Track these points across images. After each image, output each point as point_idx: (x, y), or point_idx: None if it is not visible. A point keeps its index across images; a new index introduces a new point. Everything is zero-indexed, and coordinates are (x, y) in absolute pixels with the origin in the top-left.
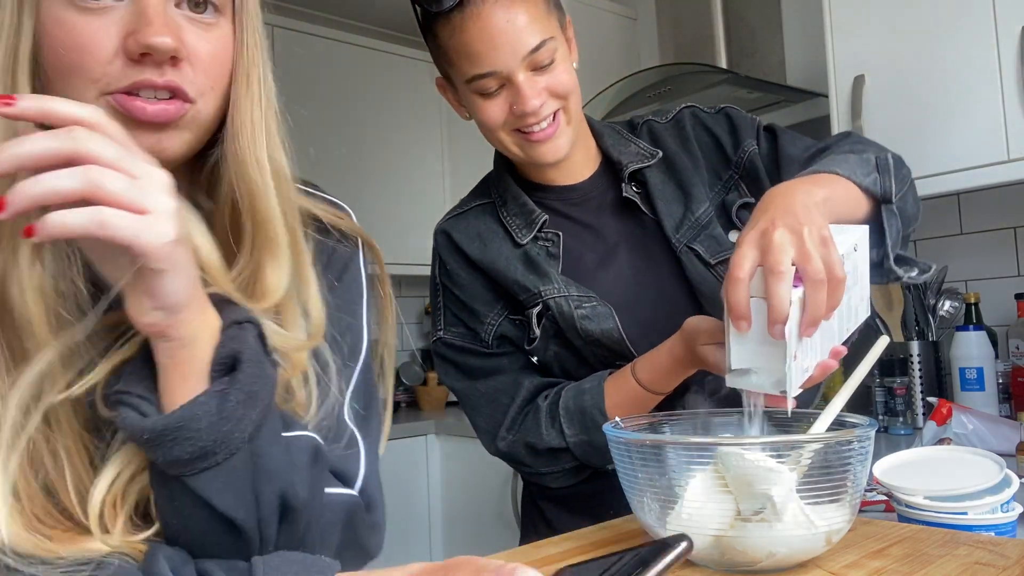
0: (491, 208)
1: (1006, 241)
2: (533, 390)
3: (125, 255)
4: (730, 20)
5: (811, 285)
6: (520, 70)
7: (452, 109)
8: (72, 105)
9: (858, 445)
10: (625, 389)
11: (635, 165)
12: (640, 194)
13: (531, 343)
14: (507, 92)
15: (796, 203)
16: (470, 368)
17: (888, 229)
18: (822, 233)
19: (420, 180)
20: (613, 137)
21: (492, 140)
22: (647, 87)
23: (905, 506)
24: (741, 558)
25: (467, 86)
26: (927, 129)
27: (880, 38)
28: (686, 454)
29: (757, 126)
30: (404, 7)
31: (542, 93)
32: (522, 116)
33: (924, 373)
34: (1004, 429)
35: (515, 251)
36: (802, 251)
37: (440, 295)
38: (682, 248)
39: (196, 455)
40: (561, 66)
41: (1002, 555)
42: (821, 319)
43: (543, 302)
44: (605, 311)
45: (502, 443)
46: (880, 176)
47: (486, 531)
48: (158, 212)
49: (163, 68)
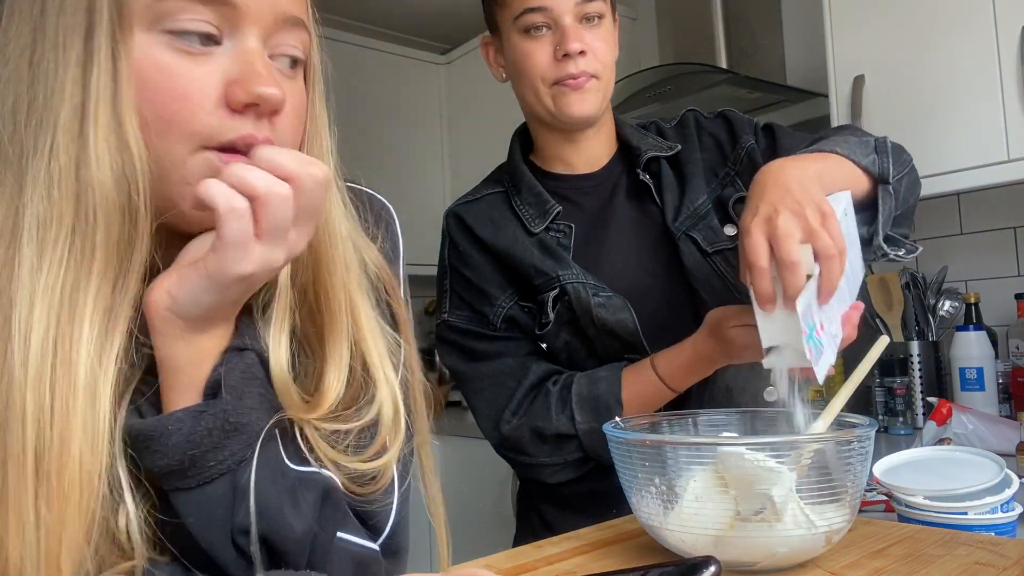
0: (504, 196)
1: (1006, 241)
2: (542, 374)
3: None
4: (730, 20)
5: (824, 260)
6: (569, 14)
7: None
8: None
9: (858, 445)
10: (642, 381)
11: (653, 152)
12: (654, 182)
13: (543, 327)
14: (551, 37)
15: (791, 180)
16: (474, 351)
17: (882, 208)
18: (822, 208)
19: (420, 180)
20: (633, 129)
21: (527, 91)
22: (647, 87)
23: (905, 506)
24: (741, 558)
25: (515, 24)
26: (927, 129)
27: (880, 38)
28: (686, 454)
29: (755, 125)
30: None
31: (584, 42)
32: (563, 61)
33: (924, 373)
34: (1004, 429)
35: (529, 238)
36: (809, 230)
37: (448, 277)
38: (680, 235)
39: (166, 471)
40: (604, 34)
41: (1002, 555)
42: (835, 288)
43: (561, 286)
44: (620, 302)
45: (506, 427)
46: (879, 157)
47: (485, 531)
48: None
49: (262, 121)
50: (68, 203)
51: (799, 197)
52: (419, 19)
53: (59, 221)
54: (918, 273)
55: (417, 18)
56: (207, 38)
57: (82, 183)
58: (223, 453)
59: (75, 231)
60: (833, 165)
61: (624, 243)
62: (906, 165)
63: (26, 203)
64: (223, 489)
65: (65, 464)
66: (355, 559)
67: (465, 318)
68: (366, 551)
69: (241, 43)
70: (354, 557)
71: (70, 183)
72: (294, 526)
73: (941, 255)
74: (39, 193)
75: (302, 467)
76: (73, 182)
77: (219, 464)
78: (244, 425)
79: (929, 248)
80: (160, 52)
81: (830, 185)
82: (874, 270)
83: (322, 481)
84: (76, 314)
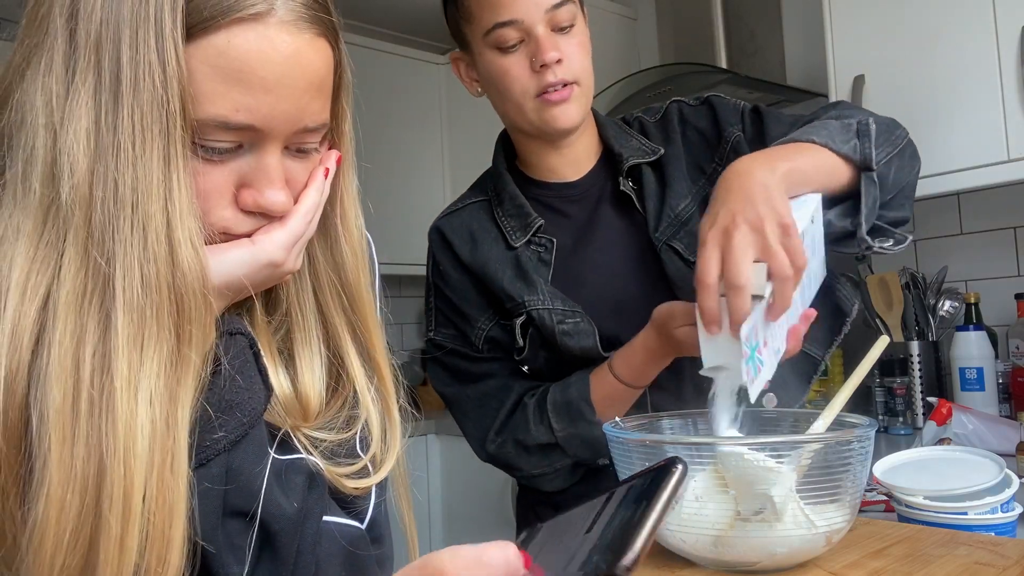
0: (487, 206)
1: (1006, 241)
2: (523, 393)
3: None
4: (730, 20)
5: (778, 281)
6: (541, 23)
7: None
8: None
9: (858, 445)
10: (606, 383)
11: (634, 160)
12: (636, 190)
13: (520, 353)
14: (525, 49)
15: (755, 186)
16: (459, 371)
17: (865, 198)
18: (783, 222)
19: (420, 180)
20: (615, 130)
21: (508, 106)
22: (647, 87)
23: (905, 506)
24: (741, 558)
25: (485, 41)
26: (927, 129)
27: (880, 38)
28: (686, 454)
29: (741, 110)
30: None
31: (560, 50)
32: (541, 72)
33: (924, 373)
34: (1004, 429)
35: (507, 254)
36: (765, 248)
37: (433, 295)
38: (662, 245)
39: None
40: (578, 39)
41: (1002, 555)
42: (787, 308)
43: (527, 312)
44: (587, 328)
45: (491, 446)
46: (860, 142)
47: (486, 531)
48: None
49: (271, 221)
50: (164, 301)
51: (760, 209)
52: (419, 19)
53: (157, 317)
54: (918, 273)
55: (417, 18)
56: (229, 150)
57: (176, 287)
58: (219, 433)
59: (176, 326)
60: (808, 159)
61: (609, 254)
62: (897, 144)
63: (116, 282)
64: (217, 470)
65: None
66: (344, 539)
67: (450, 337)
68: (354, 530)
69: (261, 155)
70: (343, 537)
71: (165, 280)
72: (284, 508)
73: (941, 255)
74: (132, 283)
75: (285, 455)
76: (168, 280)
77: (215, 443)
78: (238, 404)
79: (929, 248)
80: (190, 155)
81: (801, 184)
82: (874, 270)
83: (305, 466)
84: (177, 401)
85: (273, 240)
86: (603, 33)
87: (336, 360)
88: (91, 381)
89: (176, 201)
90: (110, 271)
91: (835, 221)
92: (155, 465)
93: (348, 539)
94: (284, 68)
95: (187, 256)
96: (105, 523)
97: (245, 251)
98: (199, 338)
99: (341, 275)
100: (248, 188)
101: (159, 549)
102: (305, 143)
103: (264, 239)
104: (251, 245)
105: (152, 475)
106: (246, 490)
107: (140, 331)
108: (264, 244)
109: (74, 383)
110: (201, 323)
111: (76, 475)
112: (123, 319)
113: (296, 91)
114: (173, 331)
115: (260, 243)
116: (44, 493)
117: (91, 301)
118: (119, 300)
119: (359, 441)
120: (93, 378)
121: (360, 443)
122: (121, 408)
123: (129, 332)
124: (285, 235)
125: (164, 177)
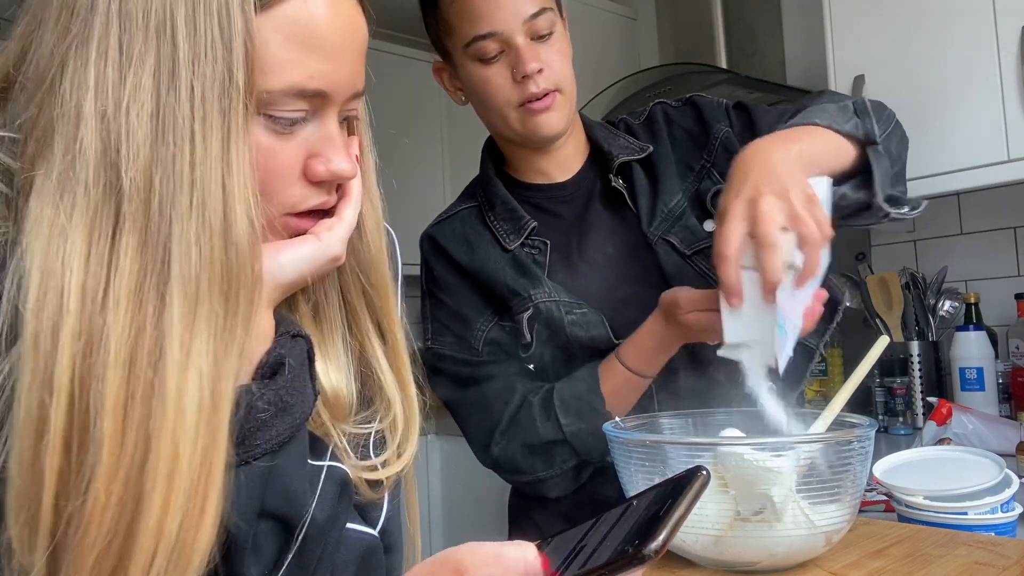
0: (477, 211)
1: (1006, 241)
2: (526, 394)
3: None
4: (730, 20)
5: (808, 247)
6: (520, 33)
7: (452, 110)
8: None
9: (858, 445)
10: (615, 375)
11: (624, 157)
12: (627, 188)
13: (527, 350)
14: (506, 59)
15: (775, 162)
16: (460, 377)
17: (876, 169)
18: (807, 192)
19: (420, 180)
20: (602, 131)
21: (492, 116)
22: (647, 87)
23: (905, 506)
24: (741, 558)
25: (466, 52)
26: (927, 129)
27: (880, 38)
28: (686, 454)
29: (725, 107)
30: (403, 7)
31: (540, 60)
32: (523, 83)
33: (924, 373)
34: (1004, 429)
35: (503, 255)
36: (793, 215)
37: (428, 304)
38: (657, 240)
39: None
40: (558, 46)
41: (1002, 555)
42: (816, 274)
43: (534, 306)
44: (595, 317)
45: (496, 448)
46: (861, 120)
47: (486, 531)
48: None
49: (333, 192)
50: (217, 275)
51: (784, 179)
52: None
53: (209, 291)
54: (918, 273)
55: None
56: (298, 120)
57: (229, 259)
58: (270, 432)
59: (225, 300)
60: (816, 140)
61: (602, 252)
62: (890, 121)
63: (173, 264)
64: (261, 470)
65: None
66: (360, 547)
67: (448, 344)
68: (368, 538)
69: (324, 123)
70: (359, 545)
71: (219, 255)
72: (316, 515)
73: (941, 255)
74: (190, 261)
75: (319, 461)
76: (222, 254)
77: (265, 443)
78: (292, 406)
79: (929, 248)
80: (259, 132)
81: (812, 164)
82: (874, 270)
83: (339, 474)
84: (223, 376)
85: (336, 235)
86: (603, 33)
87: (360, 353)
88: (146, 366)
89: (235, 174)
90: (167, 254)
91: (850, 193)
92: (199, 441)
93: (363, 546)
94: (346, 32)
95: (242, 229)
96: (147, 505)
97: (313, 247)
98: (246, 311)
99: (363, 264)
100: (316, 158)
101: (189, 533)
102: (351, 110)
103: (328, 235)
104: (317, 241)
105: (196, 451)
106: (283, 493)
107: (193, 309)
108: (329, 239)
109: (131, 373)
110: (249, 296)
111: (125, 460)
112: (178, 298)
113: (354, 55)
114: (223, 304)
115: (325, 239)
116: (99, 474)
117: (148, 287)
118: (175, 281)
119: (379, 436)
120: (147, 363)
121: (374, 438)
122: (171, 386)
123: (182, 311)
124: (345, 229)
125: (223, 152)
